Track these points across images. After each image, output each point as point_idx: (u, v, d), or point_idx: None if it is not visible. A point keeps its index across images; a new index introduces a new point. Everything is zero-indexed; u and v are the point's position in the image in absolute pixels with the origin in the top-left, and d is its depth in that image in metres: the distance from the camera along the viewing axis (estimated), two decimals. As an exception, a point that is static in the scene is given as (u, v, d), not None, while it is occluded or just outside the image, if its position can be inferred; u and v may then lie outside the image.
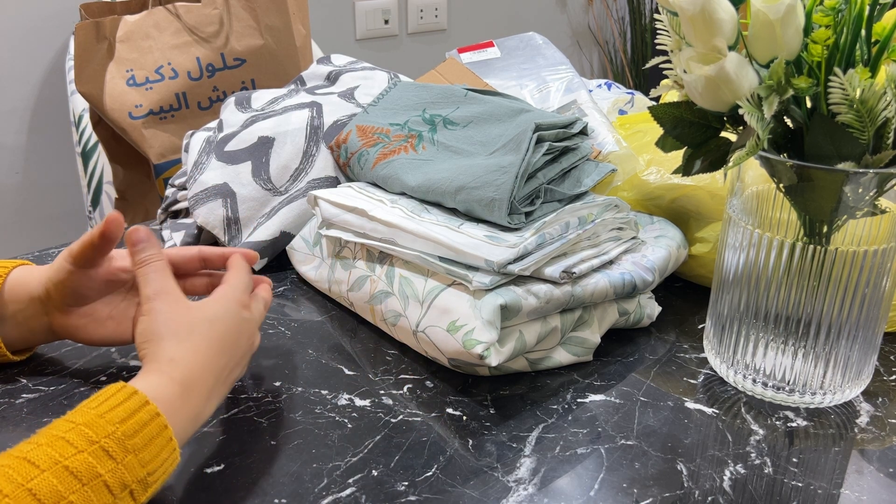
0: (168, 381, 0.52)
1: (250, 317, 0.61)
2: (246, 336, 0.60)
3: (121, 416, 0.47)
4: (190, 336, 0.55)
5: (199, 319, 0.56)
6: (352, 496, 0.55)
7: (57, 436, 0.45)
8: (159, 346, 0.54)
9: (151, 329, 0.55)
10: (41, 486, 0.43)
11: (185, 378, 0.53)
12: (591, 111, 0.95)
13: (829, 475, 0.57)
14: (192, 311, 0.57)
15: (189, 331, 0.55)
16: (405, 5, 2.26)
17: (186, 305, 0.57)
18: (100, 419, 0.47)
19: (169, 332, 0.55)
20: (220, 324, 0.57)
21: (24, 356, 0.68)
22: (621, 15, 2.71)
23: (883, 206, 0.58)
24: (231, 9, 1.35)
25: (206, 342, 0.56)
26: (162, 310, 0.56)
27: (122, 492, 0.46)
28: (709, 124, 0.61)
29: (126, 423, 0.47)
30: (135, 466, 0.47)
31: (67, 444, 0.45)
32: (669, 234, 0.78)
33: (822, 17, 0.53)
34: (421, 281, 0.69)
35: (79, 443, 0.45)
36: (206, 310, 0.57)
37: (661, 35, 0.61)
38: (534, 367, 0.69)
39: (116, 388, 0.49)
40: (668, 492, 0.55)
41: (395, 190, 0.79)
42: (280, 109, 0.94)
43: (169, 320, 0.55)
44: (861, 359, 0.63)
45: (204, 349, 0.55)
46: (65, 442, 0.45)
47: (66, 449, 0.45)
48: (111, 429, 0.46)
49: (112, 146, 1.39)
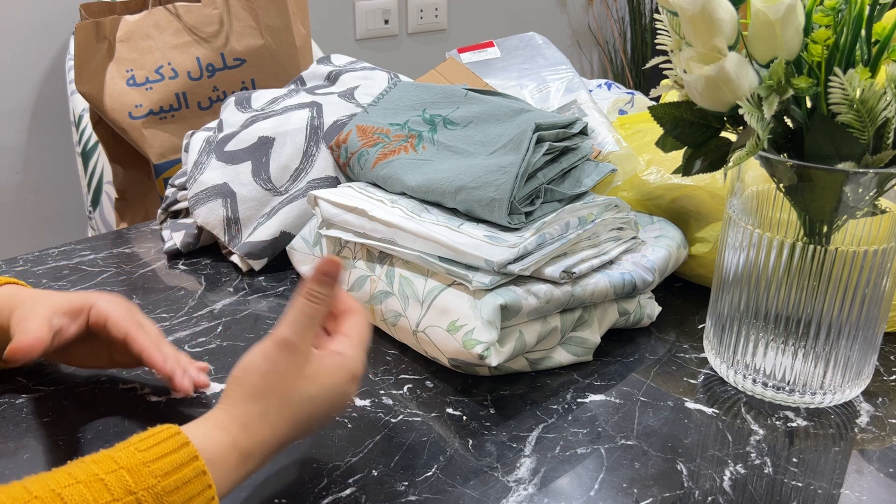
0: (231, 445, 0.48)
1: (352, 391, 0.54)
2: (338, 410, 0.54)
3: (165, 469, 0.44)
4: (280, 409, 0.50)
5: (302, 393, 0.51)
6: (352, 496, 0.55)
7: (97, 476, 0.43)
8: (244, 400, 0.50)
9: (252, 375, 0.50)
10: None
11: (249, 449, 0.49)
12: (591, 111, 0.95)
13: (829, 475, 0.57)
14: (303, 381, 0.51)
15: (283, 402, 0.50)
16: (405, 5, 2.26)
17: (302, 374, 0.51)
18: (143, 468, 0.44)
19: (266, 391, 0.50)
20: (318, 403, 0.52)
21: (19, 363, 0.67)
22: (621, 15, 2.71)
23: (883, 206, 0.58)
24: (231, 9, 1.35)
25: (289, 420, 0.51)
26: (278, 362, 0.50)
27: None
28: (709, 124, 0.61)
29: (169, 478, 0.44)
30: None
31: (105, 488, 0.43)
32: (669, 234, 0.78)
33: (822, 17, 0.53)
34: (421, 281, 0.69)
35: (116, 490, 0.43)
36: (315, 384, 0.51)
37: (661, 35, 0.61)
38: (534, 367, 0.69)
39: (169, 433, 0.46)
40: (668, 492, 0.55)
41: (395, 190, 0.79)
42: (280, 109, 0.94)
43: (272, 377, 0.50)
44: (861, 359, 0.63)
45: (284, 428, 0.50)
46: (102, 485, 0.43)
47: (101, 494, 0.43)
48: (152, 482, 0.44)
49: (112, 146, 1.39)
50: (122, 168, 1.40)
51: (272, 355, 0.50)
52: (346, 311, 0.57)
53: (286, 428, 0.50)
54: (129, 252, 0.92)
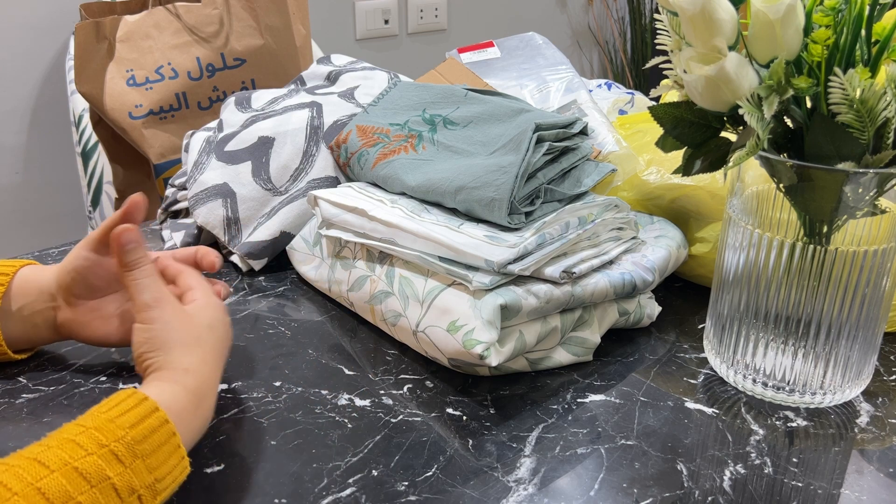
0: (182, 390, 0.52)
1: (228, 320, 0.62)
2: (230, 338, 0.61)
3: (130, 422, 0.48)
4: (198, 345, 0.55)
5: (201, 327, 0.57)
6: (352, 496, 0.55)
7: (67, 438, 0.46)
8: (170, 355, 0.54)
9: (159, 338, 0.55)
10: (50, 486, 0.43)
11: (198, 388, 0.53)
12: (591, 111, 0.95)
13: (829, 475, 0.57)
14: (193, 319, 0.57)
15: (196, 340, 0.55)
16: (405, 5, 2.26)
17: (187, 314, 0.57)
18: (110, 423, 0.47)
19: (178, 341, 0.55)
20: (218, 330, 0.58)
21: (26, 355, 0.68)
22: (621, 15, 2.71)
23: (883, 206, 0.58)
24: (231, 9, 1.35)
25: (211, 351, 0.56)
26: (166, 319, 0.55)
27: (130, 496, 0.46)
28: (709, 124, 0.61)
29: (135, 429, 0.47)
30: (143, 472, 0.47)
31: (77, 446, 0.45)
32: (669, 234, 0.78)
33: (822, 17, 0.53)
34: (421, 281, 0.69)
35: (88, 445, 0.45)
36: (204, 317, 0.58)
37: (661, 35, 0.61)
38: (534, 367, 0.69)
39: (127, 393, 0.50)
40: (668, 492, 0.55)
41: (395, 190, 0.79)
42: (280, 109, 0.94)
43: (176, 329, 0.55)
44: (861, 359, 0.63)
45: (211, 358, 0.56)
46: (75, 444, 0.45)
47: (75, 451, 0.45)
48: (121, 433, 0.47)
49: (112, 146, 1.39)
50: (122, 168, 1.40)
51: (154, 318, 0.55)
52: (176, 272, 0.64)
53: (212, 358, 0.56)
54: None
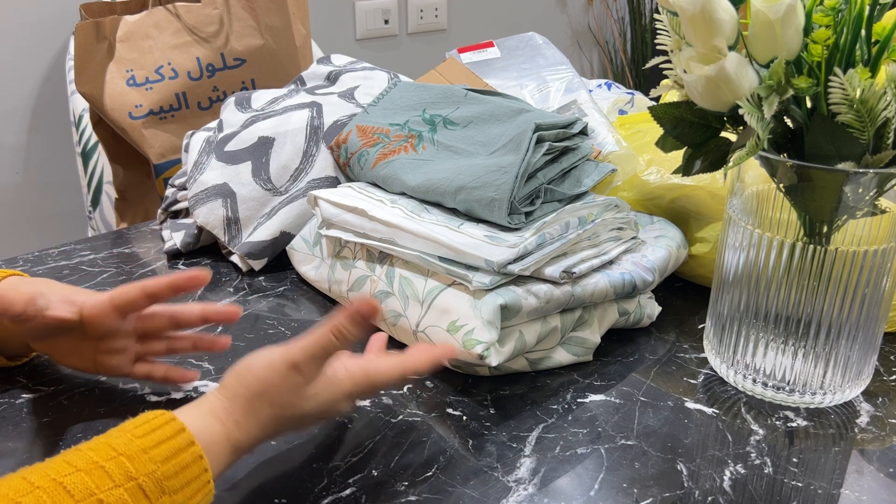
0: (224, 436, 0.50)
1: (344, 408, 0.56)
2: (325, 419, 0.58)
3: (164, 455, 0.46)
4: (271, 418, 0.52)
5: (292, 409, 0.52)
6: (352, 496, 0.55)
7: (96, 463, 0.44)
8: (239, 396, 0.51)
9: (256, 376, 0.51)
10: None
11: (239, 443, 0.51)
12: (591, 111, 0.95)
13: (829, 475, 0.57)
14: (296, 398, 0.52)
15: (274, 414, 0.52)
16: (405, 5, 2.26)
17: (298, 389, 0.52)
18: (143, 454, 0.45)
19: (260, 396, 0.51)
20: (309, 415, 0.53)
21: (20, 361, 0.68)
22: (621, 15, 2.71)
23: (883, 206, 0.58)
24: (231, 9, 1.35)
25: (279, 427, 0.52)
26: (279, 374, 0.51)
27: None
28: (709, 124, 0.61)
29: (168, 464, 0.45)
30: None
31: (105, 475, 0.43)
32: (669, 234, 0.78)
33: (822, 17, 0.53)
34: (421, 281, 0.69)
35: (117, 476, 0.44)
36: (308, 403, 0.53)
37: (661, 35, 0.61)
38: (534, 367, 0.69)
39: (164, 419, 0.47)
40: (668, 492, 0.55)
41: (395, 190, 0.79)
42: (280, 109, 0.94)
43: (272, 389, 0.51)
44: (861, 359, 0.63)
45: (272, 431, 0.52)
46: (103, 472, 0.44)
47: (103, 481, 0.43)
48: (152, 468, 0.45)
49: (112, 146, 1.39)
50: (122, 168, 1.40)
51: (277, 368, 0.52)
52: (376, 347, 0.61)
53: (274, 431, 0.52)
54: (129, 252, 0.92)
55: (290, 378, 0.52)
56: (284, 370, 0.51)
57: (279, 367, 0.51)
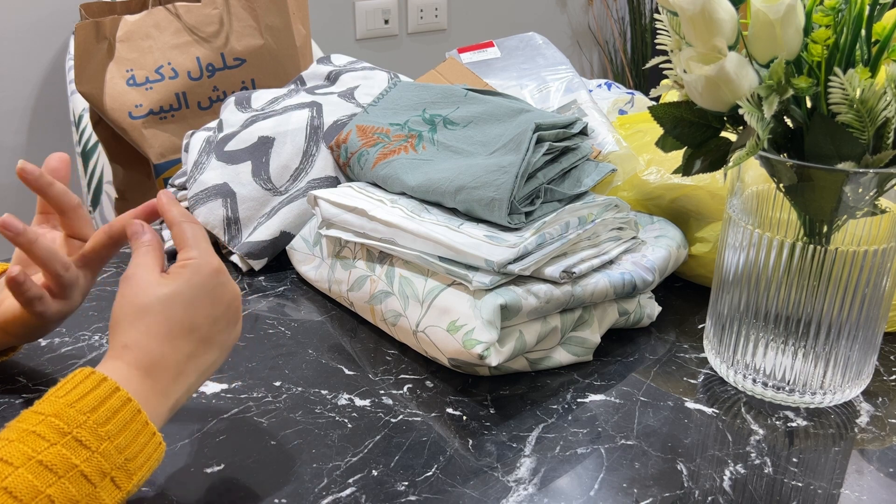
0: (125, 366, 0.50)
1: (227, 281, 0.55)
2: (223, 306, 0.55)
3: (91, 405, 0.46)
4: (142, 319, 0.51)
5: (153, 300, 0.52)
6: (352, 496, 0.55)
7: (27, 430, 0.44)
8: (115, 332, 0.52)
9: (113, 314, 0.53)
10: (17, 484, 0.42)
11: (141, 362, 0.50)
12: (591, 111, 0.95)
13: (829, 475, 0.57)
14: (149, 290, 0.52)
15: (142, 313, 0.52)
16: (405, 5, 2.26)
17: (146, 285, 0.53)
18: (70, 409, 0.45)
19: (123, 316, 0.52)
20: (180, 299, 0.53)
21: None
22: (621, 15, 2.71)
23: (883, 206, 0.58)
24: (231, 9, 1.35)
25: (160, 322, 0.52)
26: (122, 293, 0.53)
27: (101, 480, 0.44)
28: (709, 124, 0.61)
29: (97, 412, 0.46)
30: (111, 453, 0.45)
31: (39, 437, 0.44)
32: (669, 234, 0.78)
33: (822, 17, 0.53)
34: (421, 281, 0.69)
35: (50, 435, 0.44)
36: (163, 287, 0.52)
37: (661, 35, 0.61)
38: (534, 367, 0.69)
39: (84, 374, 0.48)
40: (668, 492, 0.55)
41: (395, 190, 0.79)
42: (280, 109, 0.94)
43: (124, 304, 0.52)
44: (861, 359, 0.63)
45: (160, 330, 0.52)
46: (35, 436, 0.44)
47: (37, 443, 0.44)
48: (82, 418, 0.45)
49: (112, 146, 1.39)
50: (122, 168, 1.40)
51: (117, 294, 0.53)
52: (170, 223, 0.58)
53: (164, 329, 0.52)
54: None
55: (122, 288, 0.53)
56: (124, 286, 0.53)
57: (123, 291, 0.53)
